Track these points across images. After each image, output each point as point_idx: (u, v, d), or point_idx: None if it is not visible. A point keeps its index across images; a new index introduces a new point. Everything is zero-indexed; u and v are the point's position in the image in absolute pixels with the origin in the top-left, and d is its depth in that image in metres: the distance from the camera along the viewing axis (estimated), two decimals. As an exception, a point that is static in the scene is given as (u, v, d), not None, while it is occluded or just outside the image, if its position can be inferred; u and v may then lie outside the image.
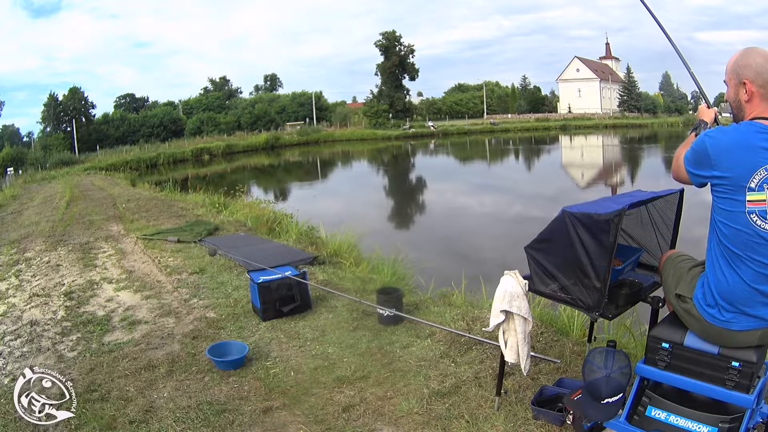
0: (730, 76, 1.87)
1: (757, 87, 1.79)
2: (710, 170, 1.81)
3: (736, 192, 1.76)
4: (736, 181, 1.75)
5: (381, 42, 59.65)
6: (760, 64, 1.78)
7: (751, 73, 1.79)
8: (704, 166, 1.83)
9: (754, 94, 1.80)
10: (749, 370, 1.89)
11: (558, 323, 3.95)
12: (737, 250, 1.81)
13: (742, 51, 1.85)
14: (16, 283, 5.91)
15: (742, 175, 1.74)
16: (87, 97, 50.01)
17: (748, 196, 1.74)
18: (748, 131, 1.76)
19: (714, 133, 1.83)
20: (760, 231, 1.76)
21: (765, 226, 1.75)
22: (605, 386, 2.18)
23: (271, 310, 4.27)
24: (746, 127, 1.79)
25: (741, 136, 1.77)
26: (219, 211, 10.78)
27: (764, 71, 1.78)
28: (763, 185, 1.72)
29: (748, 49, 1.84)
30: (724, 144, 1.78)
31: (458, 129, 56.73)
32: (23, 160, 34.49)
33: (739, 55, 1.85)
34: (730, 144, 1.77)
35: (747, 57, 1.82)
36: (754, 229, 1.76)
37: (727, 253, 1.85)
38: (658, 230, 2.70)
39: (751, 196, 1.73)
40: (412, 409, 2.84)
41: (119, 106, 63.80)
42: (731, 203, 1.78)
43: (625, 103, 70.05)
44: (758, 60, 1.79)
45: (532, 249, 2.44)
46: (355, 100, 76.65)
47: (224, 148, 41.96)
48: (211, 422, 2.82)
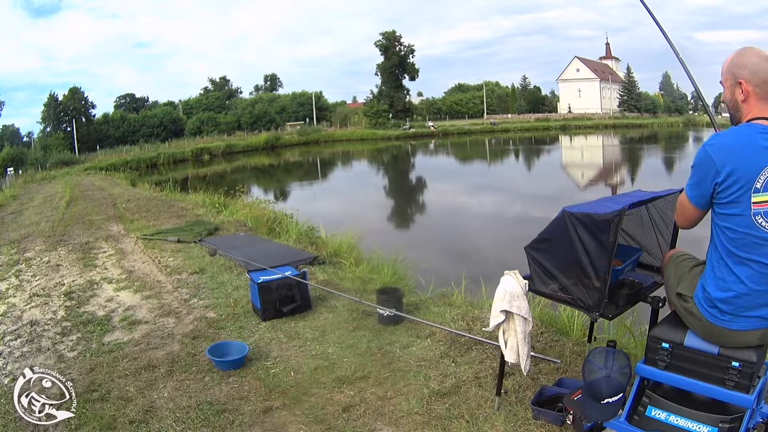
0: (726, 77, 1.85)
1: (753, 86, 1.77)
2: (714, 179, 1.76)
3: (741, 194, 1.73)
4: (742, 182, 1.72)
5: (381, 42, 59.72)
6: (755, 63, 1.77)
7: (747, 72, 1.78)
8: (708, 175, 1.78)
9: (750, 94, 1.79)
10: (749, 370, 1.89)
11: (558, 323, 3.95)
12: (741, 253, 1.79)
13: (737, 51, 1.84)
14: (16, 283, 5.91)
15: (748, 176, 1.71)
16: (87, 97, 50.20)
17: (753, 197, 1.72)
18: (749, 132, 1.75)
19: (714, 139, 1.80)
20: (766, 234, 1.74)
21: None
22: (605, 386, 2.18)
23: (271, 310, 4.27)
24: (747, 128, 1.77)
25: (743, 138, 1.75)
26: (219, 211, 10.77)
27: (760, 70, 1.76)
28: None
29: (743, 49, 1.83)
30: (727, 146, 1.76)
31: (458, 129, 56.76)
32: (23, 160, 34.54)
33: (734, 56, 1.83)
34: (733, 146, 1.75)
35: (742, 57, 1.81)
36: (760, 232, 1.75)
37: (729, 256, 1.83)
38: (658, 230, 2.70)
39: (757, 198, 1.71)
40: (412, 409, 2.84)
41: (119, 106, 63.89)
42: (736, 207, 1.75)
43: (625, 103, 70.09)
44: (753, 59, 1.78)
45: (532, 249, 2.44)
46: (355, 100, 76.80)
47: (224, 148, 41.99)
48: (211, 422, 2.82)
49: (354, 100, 77.47)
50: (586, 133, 52.94)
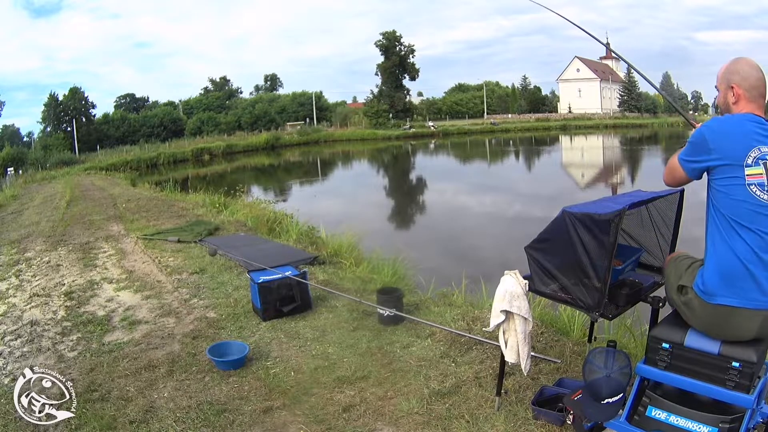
0: (720, 82, 2.09)
1: (743, 90, 2.01)
2: (708, 155, 1.97)
3: (734, 170, 1.92)
4: (734, 160, 1.92)
5: (381, 42, 59.66)
6: (746, 71, 2.03)
7: (738, 78, 2.03)
8: (702, 153, 1.99)
9: (740, 97, 2.02)
10: (749, 370, 1.89)
11: (558, 323, 3.95)
12: (739, 220, 1.93)
13: (731, 60, 2.09)
14: (17, 283, 5.91)
15: (739, 155, 1.92)
16: (87, 97, 50.21)
17: (746, 171, 1.92)
18: (741, 120, 1.98)
19: (712, 122, 2.03)
20: (761, 201, 1.90)
21: (764, 197, 1.90)
22: (605, 386, 2.18)
23: (272, 310, 4.27)
24: (740, 116, 2.00)
25: (735, 123, 1.98)
26: (219, 211, 10.77)
27: (749, 76, 2.02)
28: (758, 161, 1.90)
29: (736, 58, 2.09)
30: (721, 130, 1.98)
31: (458, 129, 56.70)
32: (23, 160, 34.48)
33: (728, 64, 2.09)
34: (727, 130, 1.98)
35: (735, 65, 2.06)
36: (756, 200, 1.91)
37: (726, 226, 1.95)
38: (658, 230, 2.70)
39: (749, 171, 1.91)
40: (412, 409, 2.84)
41: (119, 106, 63.94)
42: (731, 180, 1.93)
43: (625, 103, 70.04)
44: (744, 68, 2.04)
45: (532, 249, 2.44)
46: (355, 100, 76.71)
47: (224, 148, 41.99)
48: (212, 422, 2.82)
49: (354, 100, 77.45)
50: (587, 133, 52.90)
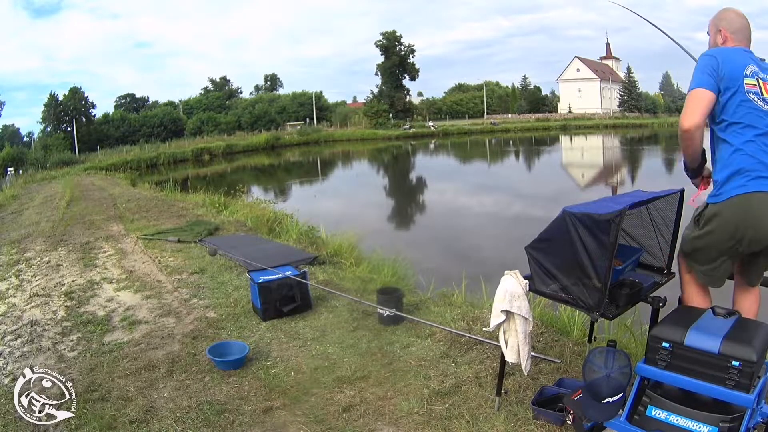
0: (711, 27, 2.51)
1: (730, 33, 2.44)
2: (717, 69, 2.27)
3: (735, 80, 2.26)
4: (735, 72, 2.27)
5: (381, 42, 59.73)
6: (731, 17, 2.47)
7: (725, 23, 2.46)
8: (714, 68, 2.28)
9: (728, 38, 2.45)
10: (749, 369, 1.89)
11: (558, 323, 3.95)
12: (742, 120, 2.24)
13: (720, 9, 2.51)
14: (17, 283, 5.91)
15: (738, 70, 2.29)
16: (87, 97, 50.14)
17: (745, 81, 2.27)
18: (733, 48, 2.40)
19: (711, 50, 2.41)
20: (759, 107, 2.25)
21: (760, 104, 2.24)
22: (605, 386, 2.18)
23: (272, 310, 4.27)
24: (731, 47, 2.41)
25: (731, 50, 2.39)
26: (219, 211, 10.77)
27: (735, 22, 2.46)
28: (754, 75, 2.29)
29: (724, 8, 2.52)
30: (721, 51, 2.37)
31: (458, 129, 56.73)
32: (23, 160, 34.49)
33: (717, 12, 2.52)
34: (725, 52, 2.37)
35: (722, 12, 2.50)
36: (755, 105, 2.26)
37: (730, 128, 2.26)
38: (658, 230, 2.70)
39: (747, 81, 2.28)
40: (412, 409, 2.84)
41: (119, 106, 63.89)
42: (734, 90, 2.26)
43: (625, 103, 69.99)
44: (731, 15, 2.48)
45: (532, 249, 2.44)
46: (355, 100, 76.85)
47: (224, 148, 41.99)
48: (212, 422, 2.82)
49: (354, 100, 77.57)
50: (587, 133, 52.87)
